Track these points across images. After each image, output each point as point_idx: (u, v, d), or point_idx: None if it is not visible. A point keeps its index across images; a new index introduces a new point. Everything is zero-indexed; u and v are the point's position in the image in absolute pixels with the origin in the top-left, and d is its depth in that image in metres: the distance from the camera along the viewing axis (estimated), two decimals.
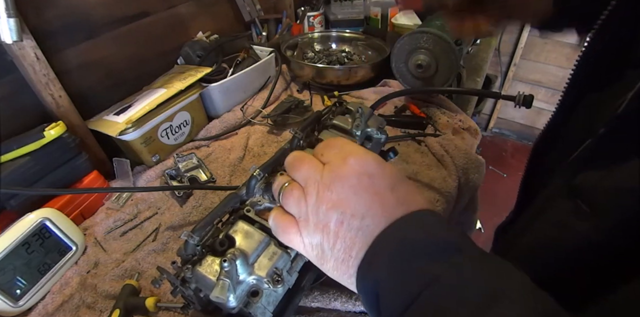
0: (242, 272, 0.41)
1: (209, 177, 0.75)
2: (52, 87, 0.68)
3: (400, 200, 0.30)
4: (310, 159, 0.33)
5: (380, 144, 0.65)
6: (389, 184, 0.31)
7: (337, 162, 0.32)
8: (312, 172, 0.32)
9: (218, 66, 0.93)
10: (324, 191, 0.30)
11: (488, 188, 2.10)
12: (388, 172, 0.31)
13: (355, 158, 0.31)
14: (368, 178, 0.30)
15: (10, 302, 0.55)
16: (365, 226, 0.29)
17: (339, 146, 0.34)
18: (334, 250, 0.30)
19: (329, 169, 0.32)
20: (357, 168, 0.31)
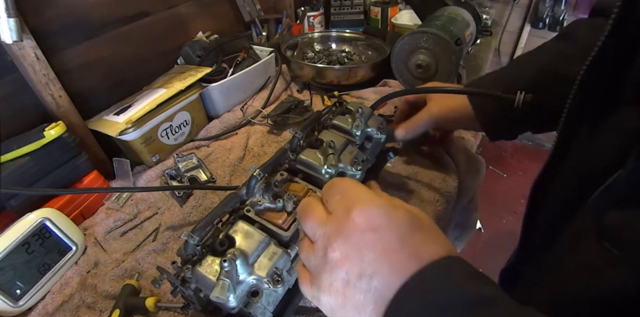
0: (242, 272, 0.41)
1: (209, 177, 0.75)
2: (52, 87, 0.68)
3: (413, 254, 0.27)
4: (315, 210, 0.32)
5: (380, 144, 0.65)
6: (399, 237, 0.27)
7: (340, 214, 0.30)
8: (316, 226, 0.30)
9: (218, 66, 0.93)
10: (327, 248, 0.29)
11: (488, 188, 2.10)
12: (396, 223, 0.28)
13: (360, 210, 0.29)
14: (373, 233, 0.28)
15: (10, 302, 0.55)
16: (374, 287, 0.26)
17: (342, 191, 0.31)
18: (345, 310, 0.28)
19: (332, 223, 0.30)
20: (360, 222, 0.28)
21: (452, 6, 1.00)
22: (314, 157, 0.52)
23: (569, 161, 0.43)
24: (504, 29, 2.12)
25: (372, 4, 1.31)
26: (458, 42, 0.86)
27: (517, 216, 2.00)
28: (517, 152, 2.46)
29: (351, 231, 0.28)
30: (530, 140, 2.51)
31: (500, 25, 2.09)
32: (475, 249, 1.85)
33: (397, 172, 0.76)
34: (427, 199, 0.70)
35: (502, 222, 1.98)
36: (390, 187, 0.72)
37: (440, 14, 0.96)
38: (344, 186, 0.32)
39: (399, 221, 0.28)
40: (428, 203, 0.70)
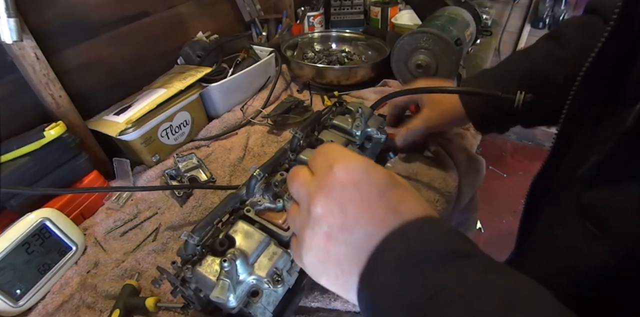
0: (242, 272, 0.41)
1: (209, 177, 0.75)
2: (52, 87, 0.68)
3: (391, 208, 0.28)
4: (301, 173, 0.32)
5: (380, 144, 0.65)
6: (378, 191, 0.28)
7: (322, 172, 0.30)
8: (301, 187, 0.31)
9: (218, 66, 0.93)
10: (310, 205, 0.29)
11: (488, 188, 2.10)
12: (375, 178, 0.29)
13: (339, 165, 0.29)
14: (353, 187, 0.28)
15: (10, 302, 0.55)
16: (355, 239, 0.27)
17: (326, 153, 0.32)
18: (327, 266, 0.29)
19: (314, 181, 0.30)
20: (340, 176, 0.29)
21: (452, 6, 1.00)
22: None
23: (568, 160, 0.43)
24: (504, 29, 2.12)
25: (372, 4, 1.31)
26: (458, 42, 0.86)
27: (517, 215, 2.00)
28: (517, 152, 2.46)
29: (332, 185, 0.29)
30: (530, 140, 2.51)
31: (500, 25, 2.09)
32: None
33: (397, 172, 0.75)
34: (427, 199, 0.70)
35: (502, 222, 1.98)
36: None
37: (440, 14, 0.96)
38: (328, 148, 0.33)
39: (378, 177, 0.29)
40: (428, 203, 0.70)
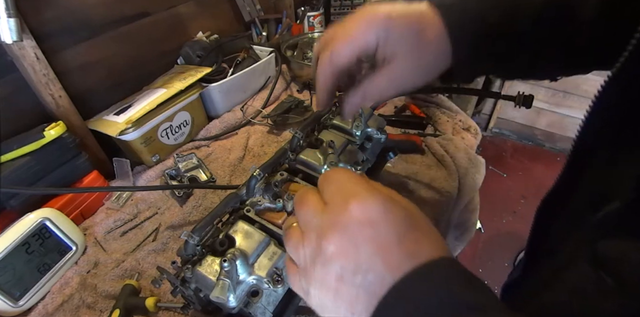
0: (242, 272, 0.41)
1: (209, 177, 0.75)
2: (52, 87, 0.68)
3: (409, 251, 0.26)
4: (312, 199, 0.30)
5: (380, 144, 0.65)
6: (396, 233, 0.27)
7: (337, 205, 0.28)
8: (311, 215, 0.29)
9: (218, 66, 0.93)
10: (321, 240, 0.27)
11: (488, 188, 2.10)
12: (393, 219, 0.27)
13: (357, 202, 0.27)
14: (371, 227, 0.27)
15: (10, 302, 0.55)
16: (368, 283, 0.26)
17: (339, 182, 0.30)
18: (335, 306, 0.27)
19: (328, 214, 0.28)
20: (358, 215, 0.27)
21: None
22: (313, 157, 0.52)
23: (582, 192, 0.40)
24: None
25: None
26: None
27: (517, 216, 2.00)
28: (517, 152, 2.46)
29: (348, 223, 0.27)
30: (530, 140, 2.51)
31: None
32: (475, 249, 1.85)
33: (397, 172, 0.76)
34: (427, 199, 0.70)
35: (502, 222, 1.98)
36: (390, 187, 0.72)
37: None
38: (341, 177, 0.30)
39: (397, 216, 0.27)
40: (428, 203, 0.70)
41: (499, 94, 0.52)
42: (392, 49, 0.37)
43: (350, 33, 0.37)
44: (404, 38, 0.36)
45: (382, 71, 0.38)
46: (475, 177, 0.78)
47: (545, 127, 2.40)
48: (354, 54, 0.37)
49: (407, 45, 0.37)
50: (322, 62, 0.39)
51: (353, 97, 0.41)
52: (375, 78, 0.39)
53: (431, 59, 0.38)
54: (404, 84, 0.39)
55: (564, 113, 2.28)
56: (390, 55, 0.37)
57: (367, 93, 0.40)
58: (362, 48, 0.37)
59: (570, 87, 2.16)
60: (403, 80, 0.39)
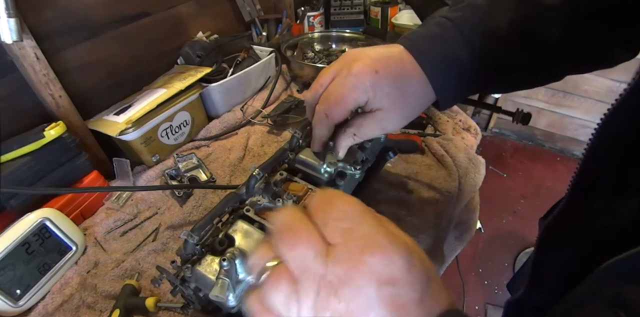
0: (241, 271, 0.41)
1: (209, 177, 0.75)
2: (52, 87, 0.68)
3: (427, 311, 0.23)
4: (308, 233, 0.24)
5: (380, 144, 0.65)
6: (418, 292, 0.23)
7: (349, 252, 0.23)
8: (311, 259, 0.23)
9: (218, 66, 0.93)
10: (328, 295, 0.23)
11: (488, 188, 2.10)
12: (415, 276, 0.23)
13: (377, 254, 0.23)
14: (391, 287, 0.23)
15: (10, 302, 0.55)
16: None
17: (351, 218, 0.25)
18: None
19: (338, 263, 0.23)
20: (378, 271, 0.23)
21: None
22: (312, 156, 0.52)
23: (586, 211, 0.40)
24: None
25: (372, 4, 1.31)
26: None
27: (517, 216, 2.00)
28: (517, 152, 2.46)
29: (366, 280, 0.23)
30: (530, 140, 2.51)
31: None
32: (475, 249, 1.85)
33: (397, 172, 0.76)
34: (427, 199, 0.70)
35: (502, 222, 1.98)
36: (390, 187, 0.72)
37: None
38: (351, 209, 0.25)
39: (418, 273, 0.24)
40: (428, 203, 0.70)
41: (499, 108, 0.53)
42: (379, 103, 0.41)
43: (343, 94, 0.41)
44: (389, 95, 0.41)
45: (368, 118, 0.43)
46: (475, 177, 0.78)
47: (545, 127, 2.40)
48: (347, 112, 0.42)
49: (392, 99, 0.41)
50: (319, 117, 0.44)
51: (344, 139, 0.45)
52: (364, 123, 0.43)
53: (414, 106, 0.43)
54: (389, 128, 0.44)
55: (564, 113, 2.28)
56: (377, 107, 0.42)
57: (356, 135, 0.44)
58: (354, 106, 0.42)
59: (570, 87, 2.16)
60: (388, 126, 0.44)
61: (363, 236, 0.24)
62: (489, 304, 1.64)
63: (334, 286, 0.23)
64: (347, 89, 0.40)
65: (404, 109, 0.42)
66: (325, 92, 0.43)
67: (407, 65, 0.41)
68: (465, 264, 1.75)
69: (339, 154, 0.47)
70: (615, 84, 2.01)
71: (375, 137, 0.50)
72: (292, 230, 0.25)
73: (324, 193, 0.27)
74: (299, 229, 0.25)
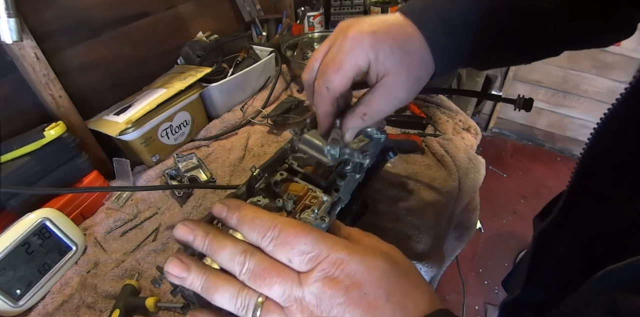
0: None
1: (209, 177, 0.75)
2: (52, 87, 0.68)
3: (399, 306, 0.26)
4: (278, 269, 0.27)
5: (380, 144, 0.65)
6: (383, 289, 0.26)
7: (314, 276, 0.26)
8: (289, 289, 0.26)
9: (218, 66, 0.93)
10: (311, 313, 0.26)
11: (488, 188, 2.10)
12: (378, 276, 0.27)
13: (341, 268, 0.27)
14: (358, 289, 0.26)
15: (10, 302, 0.55)
16: None
17: (306, 244, 0.27)
18: None
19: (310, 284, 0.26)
20: (342, 279, 0.26)
21: None
22: (318, 138, 0.48)
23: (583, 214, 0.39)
24: None
25: (372, 4, 1.31)
26: None
27: (517, 216, 2.01)
28: (517, 152, 2.46)
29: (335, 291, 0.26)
30: (530, 140, 2.51)
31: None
32: (475, 249, 1.85)
33: (397, 172, 0.76)
34: (427, 199, 0.70)
35: (502, 222, 1.98)
36: (390, 187, 0.72)
37: None
38: (306, 241, 0.27)
39: (381, 273, 0.27)
40: (428, 203, 0.70)
41: (500, 96, 0.52)
42: (383, 65, 0.37)
43: (341, 60, 0.37)
44: (392, 54, 0.37)
45: (377, 91, 0.39)
46: (475, 177, 0.78)
47: (545, 127, 2.40)
48: (349, 79, 0.38)
49: (397, 59, 0.37)
50: (320, 92, 0.40)
51: (352, 121, 0.41)
52: (373, 98, 0.39)
53: (420, 68, 0.39)
54: (400, 98, 0.40)
55: (564, 113, 2.28)
56: (382, 72, 0.38)
57: (366, 115, 0.40)
58: (355, 72, 0.38)
59: (570, 87, 2.16)
60: (399, 94, 0.39)
61: (318, 254, 0.27)
62: (489, 304, 1.64)
63: (312, 303, 0.26)
64: (345, 53, 0.37)
65: (411, 71, 0.38)
66: (322, 63, 0.40)
67: (407, 28, 0.38)
68: (465, 264, 1.75)
69: (346, 137, 0.43)
70: (615, 84, 2.01)
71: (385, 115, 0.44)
72: (264, 270, 0.27)
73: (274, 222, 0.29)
74: (269, 268, 0.27)
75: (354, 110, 0.41)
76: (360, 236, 0.31)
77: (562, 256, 0.42)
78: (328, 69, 0.38)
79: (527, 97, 0.50)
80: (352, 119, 0.41)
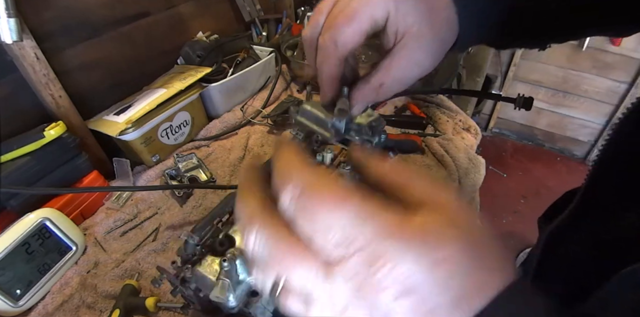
0: (242, 272, 0.41)
1: (209, 177, 0.75)
2: (52, 87, 0.68)
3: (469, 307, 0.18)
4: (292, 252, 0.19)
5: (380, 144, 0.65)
6: (449, 294, 0.18)
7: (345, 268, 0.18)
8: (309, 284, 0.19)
9: (218, 66, 0.93)
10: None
11: (488, 188, 2.10)
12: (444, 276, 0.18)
13: (387, 268, 0.17)
14: (411, 297, 0.18)
15: (10, 302, 0.55)
16: None
17: (337, 218, 0.18)
18: None
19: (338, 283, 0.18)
20: (387, 285, 0.18)
21: None
22: (320, 108, 0.39)
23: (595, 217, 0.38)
24: None
25: None
26: None
27: (517, 215, 2.01)
28: (517, 152, 2.46)
29: (378, 299, 0.18)
30: (530, 140, 2.51)
31: None
32: None
33: None
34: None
35: (502, 222, 1.98)
36: None
37: None
38: (340, 215, 0.18)
39: (449, 268, 0.18)
40: None
41: (500, 95, 0.52)
42: (404, 20, 0.30)
43: (354, 9, 0.30)
44: (416, 6, 0.30)
45: (397, 54, 0.32)
46: (475, 177, 0.78)
47: (545, 127, 2.40)
48: (362, 33, 0.31)
49: (420, 14, 0.30)
50: (325, 47, 0.31)
51: (365, 91, 0.33)
52: (393, 64, 0.32)
53: (446, 29, 0.32)
54: (424, 64, 0.32)
55: (564, 113, 2.28)
56: (403, 29, 0.31)
57: (384, 85, 0.32)
58: (370, 25, 0.31)
59: (570, 87, 2.16)
60: (422, 59, 0.32)
61: (365, 247, 0.18)
62: None
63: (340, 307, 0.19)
64: (359, 2, 0.30)
65: (436, 30, 0.31)
66: (330, 15, 0.32)
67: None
68: None
69: (353, 110, 0.34)
70: (615, 84, 2.01)
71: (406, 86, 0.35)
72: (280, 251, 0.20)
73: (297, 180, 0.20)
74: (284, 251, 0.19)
75: (368, 79, 0.34)
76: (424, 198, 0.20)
77: (573, 256, 0.41)
78: (337, 20, 0.31)
79: (527, 96, 0.50)
80: (365, 90, 0.33)
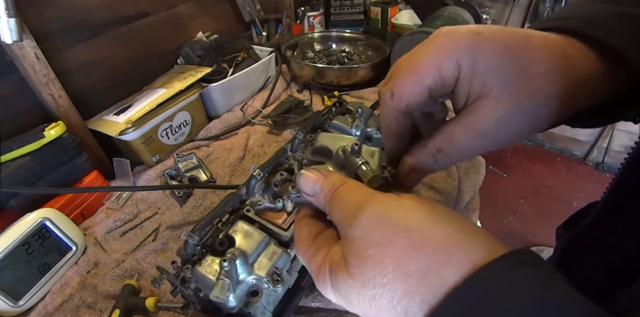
0: (241, 272, 0.41)
1: (209, 177, 0.75)
2: (52, 87, 0.68)
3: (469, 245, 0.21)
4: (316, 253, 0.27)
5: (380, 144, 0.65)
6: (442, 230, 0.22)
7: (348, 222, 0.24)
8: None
9: (218, 66, 0.93)
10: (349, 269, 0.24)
11: (488, 188, 2.10)
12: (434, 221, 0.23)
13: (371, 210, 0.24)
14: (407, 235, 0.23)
15: (10, 302, 0.55)
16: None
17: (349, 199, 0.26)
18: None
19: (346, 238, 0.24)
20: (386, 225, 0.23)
21: (452, 6, 1.00)
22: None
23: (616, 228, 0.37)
24: None
25: (372, 4, 1.31)
26: None
27: (517, 215, 2.00)
28: (517, 152, 2.46)
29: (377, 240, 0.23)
30: (530, 140, 2.51)
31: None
32: None
33: None
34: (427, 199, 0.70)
35: (502, 222, 1.98)
36: None
37: (440, 14, 0.96)
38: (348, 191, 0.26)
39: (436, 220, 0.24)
40: None
41: None
42: (480, 80, 0.24)
43: (418, 60, 0.25)
44: (501, 66, 0.24)
45: (463, 119, 0.25)
46: (475, 177, 0.78)
47: None
48: (422, 88, 0.25)
49: (505, 76, 0.24)
50: (382, 99, 0.28)
51: (418, 156, 0.28)
52: (457, 128, 0.26)
53: (539, 101, 0.24)
54: (497, 137, 0.25)
55: None
56: (477, 91, 0.24)
57: (442, 152, 0.27)
58: (434, 80, 0.25)
59: None
60: (495, 132, 0.25)
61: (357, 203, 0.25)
62: None
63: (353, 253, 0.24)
64: (425, 53, 0.25)
65: (525, 99, 0.24)
66: (395, 64, 0.27)
67: (534, 39, 0.24)
68: None
69: (407, 181, 0.30)
70: None
71: (470, 158, 0.31)
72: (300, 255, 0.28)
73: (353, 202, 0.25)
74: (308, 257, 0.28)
75: (424, 143, 0.28)
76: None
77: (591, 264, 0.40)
78: (399, 70, 0.27)
79: None
80: (419, 154, 0.28)
